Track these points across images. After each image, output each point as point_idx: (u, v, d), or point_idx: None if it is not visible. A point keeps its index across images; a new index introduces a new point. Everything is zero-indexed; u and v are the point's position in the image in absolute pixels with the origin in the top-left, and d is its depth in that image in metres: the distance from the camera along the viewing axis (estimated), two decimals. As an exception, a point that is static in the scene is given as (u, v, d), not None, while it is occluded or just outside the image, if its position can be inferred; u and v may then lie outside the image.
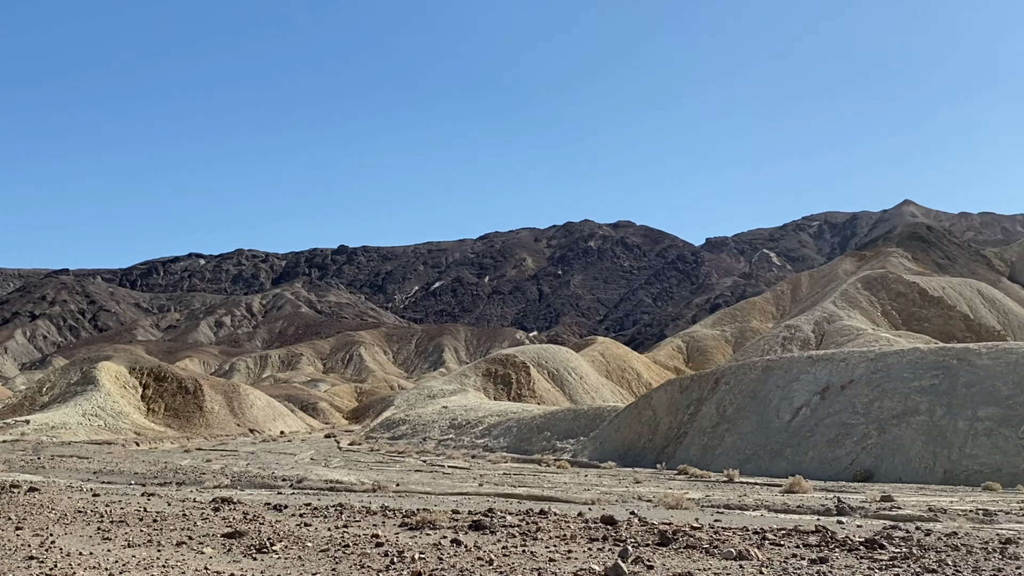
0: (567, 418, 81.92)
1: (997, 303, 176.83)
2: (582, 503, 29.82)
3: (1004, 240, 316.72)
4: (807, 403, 59.53)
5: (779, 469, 53.67)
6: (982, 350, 56.38)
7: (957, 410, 52.22)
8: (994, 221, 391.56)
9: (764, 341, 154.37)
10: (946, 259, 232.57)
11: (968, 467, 48.61)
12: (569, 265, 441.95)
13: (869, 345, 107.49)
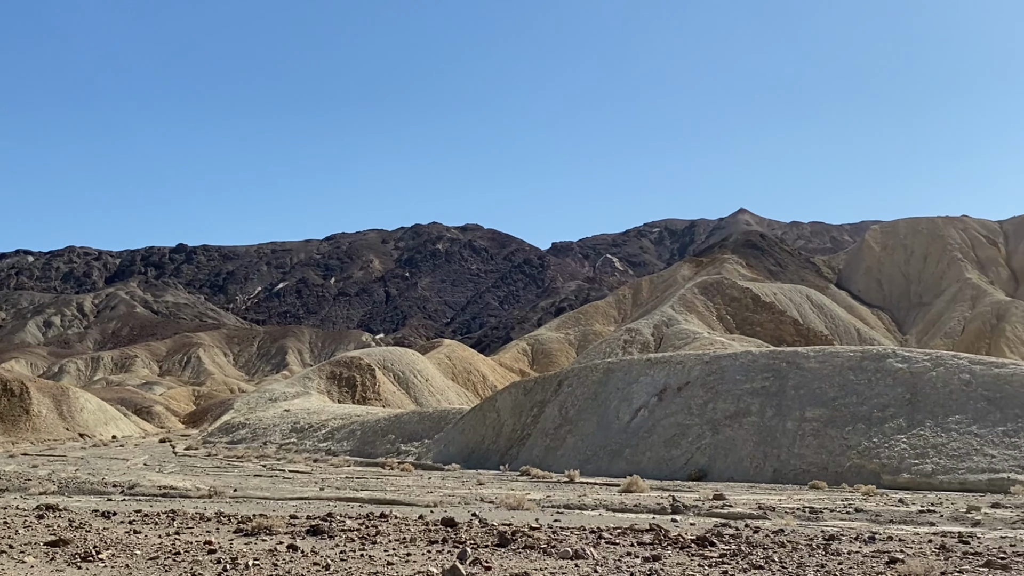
0: (412, 421, 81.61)
1: (825, 308, 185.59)
2: (424, 506, 29.73)
3: (832, 248, 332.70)
4: (646, 404, 61.00)
5: (618, 469, 54.79)
6: (810, 353, 58.98)
7: (786, 411, 54.46)
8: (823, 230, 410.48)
9: (606, 344, 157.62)
10: (778, 266, 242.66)
11: (796, 466, 50.73)
12: (417, 267, 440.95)
13: (705, 348, 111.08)
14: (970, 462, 46.30)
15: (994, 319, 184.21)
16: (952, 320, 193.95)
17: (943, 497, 39.53)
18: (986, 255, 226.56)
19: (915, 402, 51.66)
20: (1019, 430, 47.75)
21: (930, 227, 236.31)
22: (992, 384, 51.25)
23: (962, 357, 55.51)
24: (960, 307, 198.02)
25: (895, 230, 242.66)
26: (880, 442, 49.56)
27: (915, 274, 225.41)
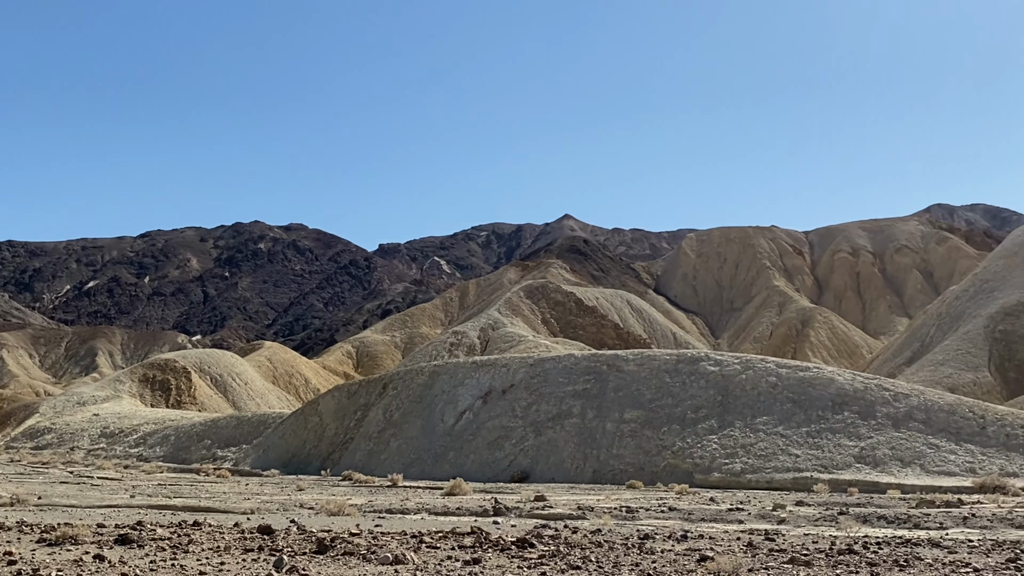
0: (230, 425, 79.42)
1: (644, 313, 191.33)
2: (240, 513, 28.91)
3: (652, 255, 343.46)
4: (470, 407, 61.27)
5: (442, 472, 54.82)
6: (630, 357, 60.58)
7: (606, 413, 55.75)
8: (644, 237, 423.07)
9: (432, 347, 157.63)
10: (601, 271, 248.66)
11: (615, 467, 52.00)
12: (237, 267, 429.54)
13: (529, 351, 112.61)
14: (776, 461, 48.55)
15: (799, 325, 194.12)
16: (761, 325, 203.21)
17: (751, 495, 41.31)
18: (793, 264, 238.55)
19: (726, 404, 53.79)
20: (822, 431, 50.41)
21: (742, 236, 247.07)
22: (797, 387, 53.92)
23: (770, 361, 58.21)
24: (768, 313, 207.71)
25: (710, 239, 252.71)
26: (693, 442, 51.35)
27: (728, 281, 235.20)
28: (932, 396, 53.42)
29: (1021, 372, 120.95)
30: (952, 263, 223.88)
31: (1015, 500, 37.78)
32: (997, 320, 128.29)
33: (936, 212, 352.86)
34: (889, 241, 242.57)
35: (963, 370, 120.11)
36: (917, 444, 48.45)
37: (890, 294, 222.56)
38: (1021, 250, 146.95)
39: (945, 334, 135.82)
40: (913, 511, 31.05)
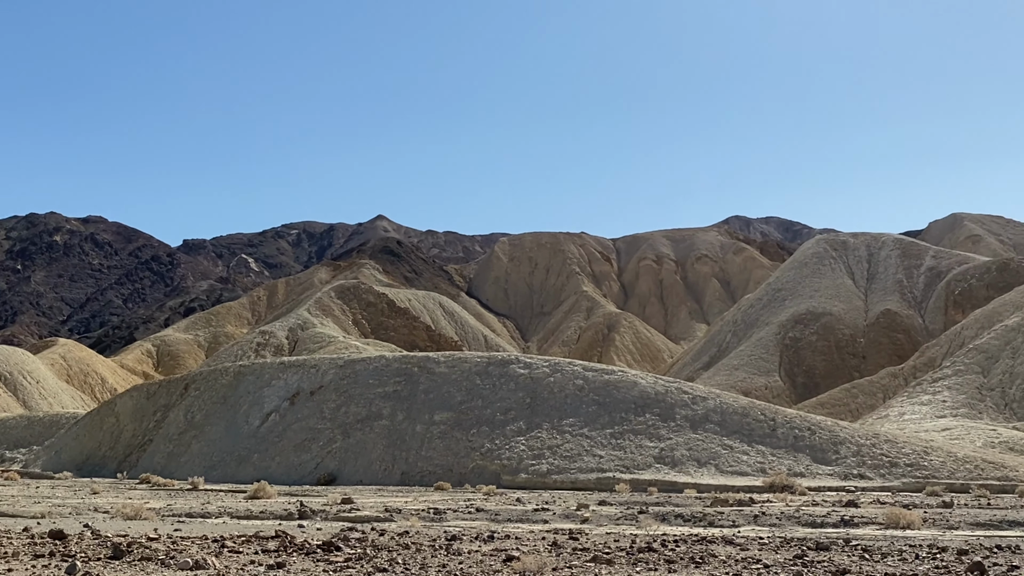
0: (19, 426, 75.04)
1: (456, 315, 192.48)
2: (30, 517, 27.33)
3: (464, 258, 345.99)
4: (277, 409, 60.05)
5: (247, 475, 53.47)
6: (440, 358, 60.78)
7: (416, 415, 55.74)
8: (457, 240, 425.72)
9: (238, 346, 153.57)
10: (413, 273, 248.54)
11: (423, 468, 52.06)
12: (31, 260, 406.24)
13: (339, 352, 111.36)
14: (581, 462, 49.76)
15: (605, 329, 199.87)
16: (569, 329, 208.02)
17: (557, 495, 42.20)
18: (601, 270, 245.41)
19: (535, 406, 54.74)
20: (624, 432, 52.00)
21: (553, 241, 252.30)
22: (602, 389, 55.43)
23: (577, 364, 59.62)
24: (577, 317, 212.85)
25: (522, 243, 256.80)
26: (502, 444, 52.00)
27: (538, 285, 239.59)
28: (727, 399, 55.98)
29: (809, 377, 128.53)
30: (748, 272, 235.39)
31: (802, 499, 40.05)
32: (787, 327, 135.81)
33: (734, 223, 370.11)
34: (691, 250, 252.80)
35: (756, 375, 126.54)
36: (713, 445, 50.64)
37: (690, 301, 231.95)
38: (811, 261, 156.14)
39: (740, 340, 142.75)
40: (708, 510, 32.41)
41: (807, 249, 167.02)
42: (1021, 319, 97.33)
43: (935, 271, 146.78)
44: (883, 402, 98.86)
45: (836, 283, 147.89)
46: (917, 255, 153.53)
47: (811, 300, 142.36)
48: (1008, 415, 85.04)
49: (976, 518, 29.23)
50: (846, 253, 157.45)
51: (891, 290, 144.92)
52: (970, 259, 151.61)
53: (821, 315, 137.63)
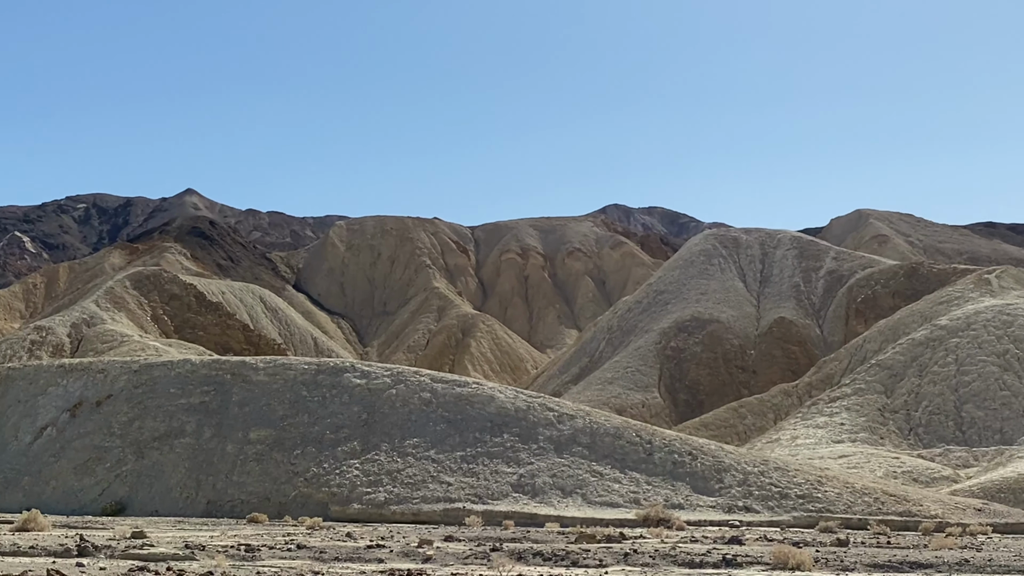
0: None
1: (280, 313, 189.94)
2: None
3: (293, 244, 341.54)
4: (54, 422, 58.19)
5: (14, 502, 51.63)
6: (260, 365, 59.93)
7: (228, 432, 54.81)
8: (284, 222, 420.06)
9: (8, 345, 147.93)
10: (229, 260, 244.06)
11: (235, 496, 51.23)
12: None
13: (135, 355, 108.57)
14: (426, 490, 49.81)
15: (460, 333, 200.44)
16: (417, 332, 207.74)
17: (396, 529, 42.09)
18: (456, 263, 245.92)
19: (372, 423, 54.52)
20: (478, 455, 52.28)
21: (400, 228, 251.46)
22: (454, 405, 55.60)
23: (424, 374, 59.67)
24: (426, 318, 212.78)
25: (362, 228, 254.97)
26: (331, 468, 51.61)
27: (381, 279, 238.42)
28: (599, 418, 56.92)
29: (692, 393, 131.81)
30: (626, 270, 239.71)
31: (679, 534, 41.02)
32: (670, 336, 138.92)
33: (612, 214, 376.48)
34: (561, 243, 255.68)
35: (632, 390, 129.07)
36: (580, 471, 51.40)
37: (560, 302, 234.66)
38: (698, 260, 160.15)
39: (616, 350, 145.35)
40: (572, 546, 32.85)
41: (694, 246, 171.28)
42: (930, 332, 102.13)
43: (836, 275, 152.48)
44: (774, 424, 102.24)
45: (725, 286, 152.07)
46: (816, 256, 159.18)
47: (697, 305, 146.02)
48: (913, 441, 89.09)
49: (874, 558, 30.47)
50: (737, 252, 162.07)
51: (786, 295, 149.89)
52: (875, 262, 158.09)
53: (708, 322, 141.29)
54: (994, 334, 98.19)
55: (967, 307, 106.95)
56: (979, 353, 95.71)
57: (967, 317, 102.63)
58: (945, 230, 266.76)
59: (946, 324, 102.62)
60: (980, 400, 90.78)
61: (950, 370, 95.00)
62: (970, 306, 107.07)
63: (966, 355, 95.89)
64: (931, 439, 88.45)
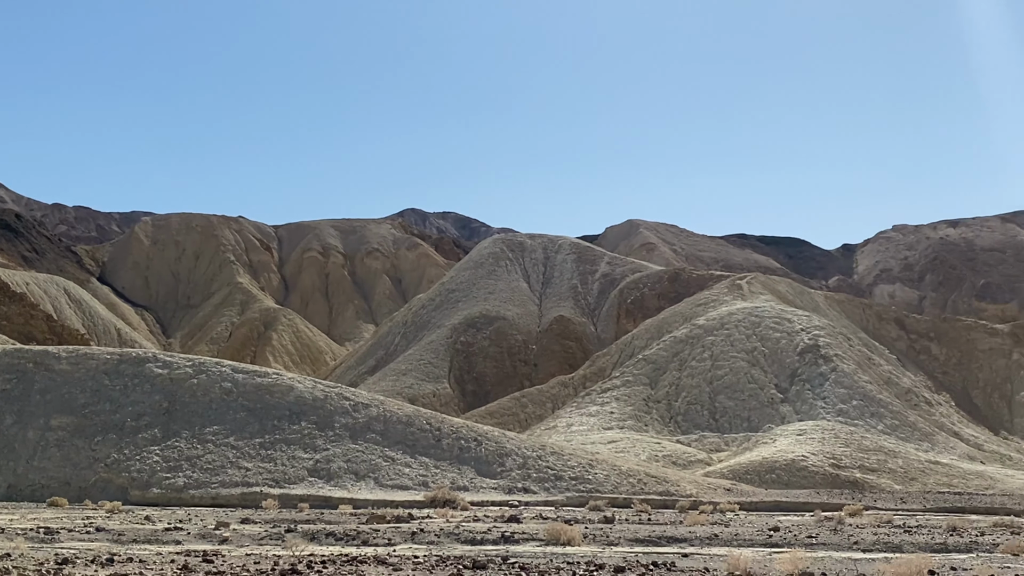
0: None
1: (84, 304, 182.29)
2: None
3: (99, 239, 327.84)
4: None
5: None
6: (62, 354, 57.41)
7: (29, 419, 52.32)
8: (90, 217, 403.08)
9: None
10: (34, 252, 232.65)
11: (36, 481, 48.94)
12: None
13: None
14: (224, 475, 48.72)
15: (262, 326, 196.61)
16: (220, 325, 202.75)
17: (194, 513, 41.03)
18: (260, 259, 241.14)
19: (173, 411, 52.98)
20: (276, 442, 51.47)
21: (205, 225, 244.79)
22: (253, 394, 54.57)
23: (226, 364, 58.33)
24: (229, 312, 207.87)
25: (168, 225, 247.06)
26: (132, 454, 49.91)
27: (185, 274, 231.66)
28: (392, 407, 56.85)
29: (479, 384, 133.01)
30: (421, 270, 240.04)
31: (463, 514, 41.37)
32: (460, 331, 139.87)
33: (409, 217, 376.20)
34: (361, 243, 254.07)
35: (424, 381, 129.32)
36: (374, 456, 51.24)
37: (358, 299, 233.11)
38: (487, 262, 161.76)
39: (410, 343, 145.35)
40: (363, 527, 32.76)
41: (484, 249, 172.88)
42: (689, 331, 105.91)
43: (609, 278, 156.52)
44: (552, 412, 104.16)
45: (511, 286, 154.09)
46: (593, 261, 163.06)
47: (485, 303, 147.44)
48: (673, 428, 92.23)
49: (636, 534, 31.45)
50: (523, 255, 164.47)
51: (565, 296, 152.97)
52: (644, 267, 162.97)
53: (495, 319, 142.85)
54: (744, 333, 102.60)
55: (721, 309, 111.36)
56: (731, 350, 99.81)
57: (721, 318, 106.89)
58: (704, 240, 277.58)
59: (703, 324, 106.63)
60: (731, 392, 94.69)
61: (706, 364, 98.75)
62: (724, 308, 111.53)
63: (720, 351, 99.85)
64: (689, 426, 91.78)
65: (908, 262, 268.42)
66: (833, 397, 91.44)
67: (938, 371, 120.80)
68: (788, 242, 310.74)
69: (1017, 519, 45.90)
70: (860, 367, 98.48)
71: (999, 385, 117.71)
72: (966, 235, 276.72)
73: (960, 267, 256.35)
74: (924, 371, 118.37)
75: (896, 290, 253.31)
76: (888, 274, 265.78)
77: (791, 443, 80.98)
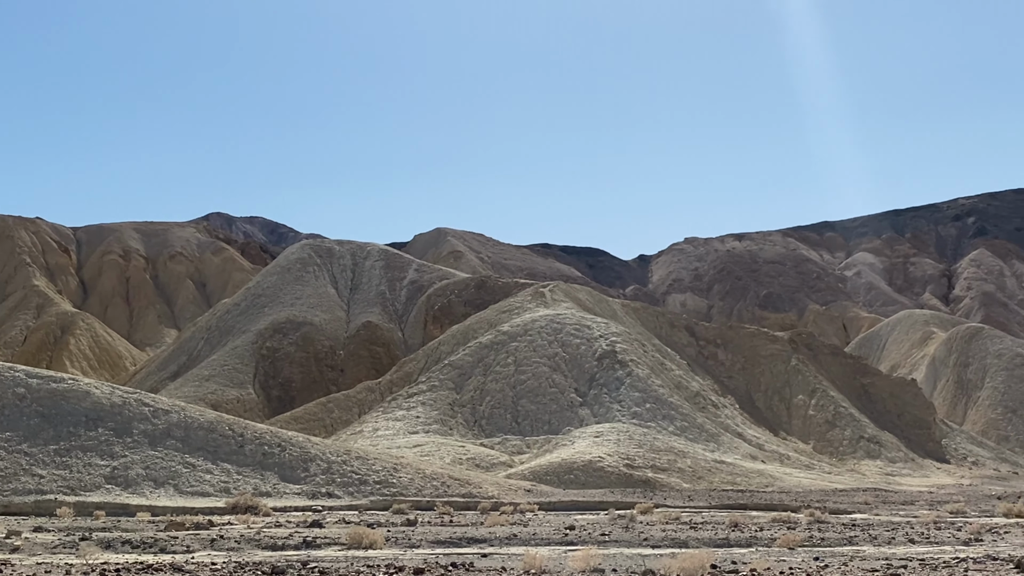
0: None
1: None
2: None
3: None
4: None
5: None
6: None
7: None
8: None
9: None
10: None
11: None
12: None
13: None
14: (17, 483, 46.41)
15: (59, 331, 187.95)
16: (14, 329, 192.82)
17: (-18, 523, 38.92)
18: (57, 262, 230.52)
19: (-39, 418, 50.16)
20: (72, 449, 49.35)
21: (0, 227, 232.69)
22: (48, 399, 52.17)
23: (19, 369, 55.58)
24: (25, 315, 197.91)
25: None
26: (-85, 464, 47.02)
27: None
28: (193, 413, 55.33)
29: (284, 390, 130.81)
30: (227, 275, 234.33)
31: (265, 520, 40.67)
32: (265, 336, 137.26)
33: (215, 221, 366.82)
34: (164, 247, 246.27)
35: (229, 386, 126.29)
36: (174, 463, 49.77)
37: (161, 303, 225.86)
38: (295, 267, 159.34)
39: (214, 348, 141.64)
40: (161, 534, 31.82)
41: (291, 254, 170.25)
42: (494, 337, 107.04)
43: (417, 285, 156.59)
44: (359, 417, 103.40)
45: (319, 292, 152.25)
46: (401, 268, 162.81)
47: (292, 308, 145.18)
48: (477, 431, 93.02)
49: (437, 536, 31.61)
50: (331, 261, 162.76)
51: (374, 302, 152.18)
52: (451, 275, 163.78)
53: (301, 324, 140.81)
54: (546, 339, 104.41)
55: (525, 316, 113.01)
56: (534, 355, 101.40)
57: (525, 324, 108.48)
58: (509, 249, 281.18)
59: (508, 330, 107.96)
60: (533, 396, 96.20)
61: (510, 370, 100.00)
62: (528, 315, 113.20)
63: (523, 357, 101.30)
64: (492, 429, 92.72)
65: (698, 273, 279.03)
66: (628, 400, 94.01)
67: (724, 375, 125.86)
68: (589, 252, 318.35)
69: (794, 514, 48.32)
70: (653, 372, 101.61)
71: (779, 389, 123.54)
72: (751, 248, 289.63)
73: (745, 278, 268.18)
74: (712, 375, 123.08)
75: (687, 299, 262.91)
76: (680, 284, 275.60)
77: (588, 445, 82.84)
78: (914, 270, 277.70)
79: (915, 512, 52.51)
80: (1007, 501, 60.08)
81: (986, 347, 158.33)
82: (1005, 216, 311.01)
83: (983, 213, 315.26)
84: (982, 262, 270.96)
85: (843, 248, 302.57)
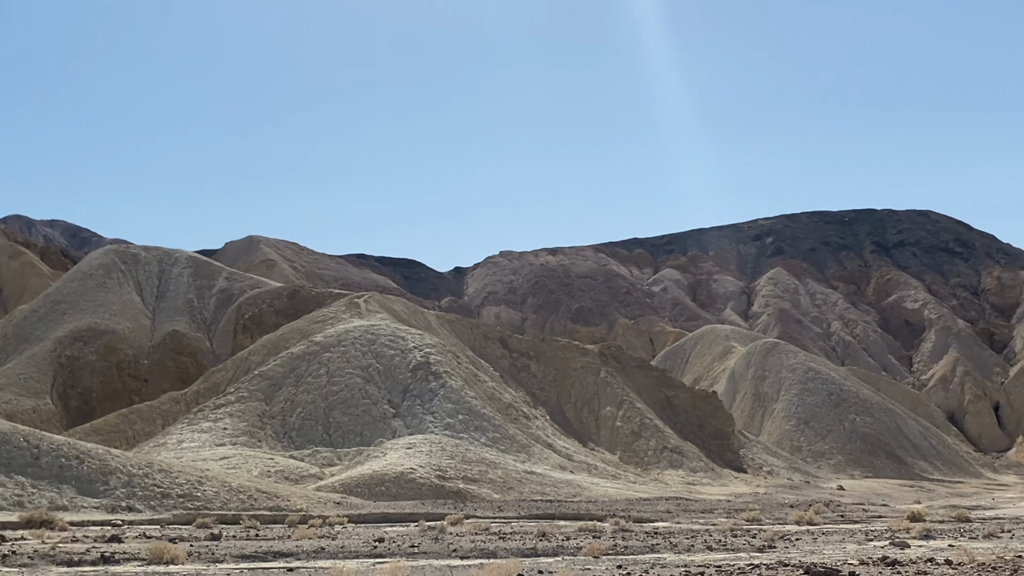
0: None
1: None
2: None
3: None
4: None
5: None
6: None
7: None
8: None
9: None
10: None
11: None
12: None
13: None
14: None
15: None
16: None
17: None
18: None
19: None
20: None
21: None
22: None
23: None
24: None
25: None
26: None
27: None
28: (-16, 424, 52.47)
29: (84, 400, 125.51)
30: (25, 280, 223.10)
31: (61, 535, 38.90)
32: (65, 344, 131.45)
33: (13, 223, 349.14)
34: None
35: (24, 396, 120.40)
36: (-39, 477, 47.12)
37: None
38: (97, 273, 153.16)
39: (10, 357, 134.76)
40: (-54, 552, 30.03)
41: (94, 260, 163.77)
42: (307, 347, 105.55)
43: (227, 293, 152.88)
44: (163, 429, 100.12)
45: (123, 299, 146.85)
46: (211, 275, 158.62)
47: (94, 316, 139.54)
48: (287, 443, 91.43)
49: (243, 550, 30.93)
50: (136, 267, 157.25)
51: (181, 310, 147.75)
52: (263, 283, 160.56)
53: (103, 333, 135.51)
54: (360, 350, 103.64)
55: (339, 326, 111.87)
56: (347, 366, 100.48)
57: (339, 335, 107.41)
58: (324, 258, 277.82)
59: (321, 340, 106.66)
60: (346, 407, 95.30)
61: (322, 380, 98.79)
62: (342, 325, 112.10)
63: (336, 368, 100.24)
64: (303, 441, 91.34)
65: (512, 286, 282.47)
66: (441, 412, 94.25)
67: (536, 387, 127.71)
68: (405, 263, 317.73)
69: (599, 524, 49.41)
70: (467, 383, 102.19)
71: (588, 400, 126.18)
72: (564, 262, 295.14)
73: (558, 292, 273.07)
74: (524, 387, 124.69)
75: (501, 311, 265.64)
76: (495, 296, 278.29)
77: (400, 456, 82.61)
78: (716, 287, 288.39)
79: (714, 520, 54.56)
80: (799, 509, 63.24)
81: (781, 361, 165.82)
82: (800, 237, 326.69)
83: (780, 234, 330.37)
84: (779, 280, 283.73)
85: (651, 264, 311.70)
